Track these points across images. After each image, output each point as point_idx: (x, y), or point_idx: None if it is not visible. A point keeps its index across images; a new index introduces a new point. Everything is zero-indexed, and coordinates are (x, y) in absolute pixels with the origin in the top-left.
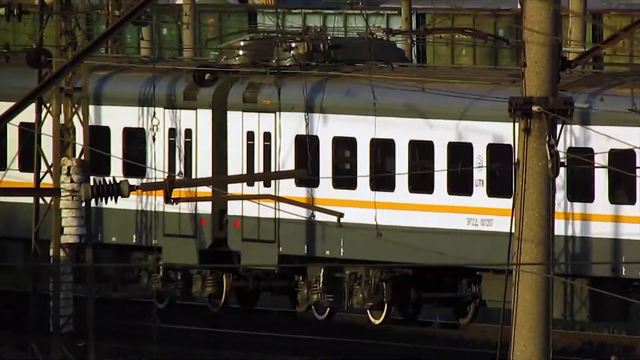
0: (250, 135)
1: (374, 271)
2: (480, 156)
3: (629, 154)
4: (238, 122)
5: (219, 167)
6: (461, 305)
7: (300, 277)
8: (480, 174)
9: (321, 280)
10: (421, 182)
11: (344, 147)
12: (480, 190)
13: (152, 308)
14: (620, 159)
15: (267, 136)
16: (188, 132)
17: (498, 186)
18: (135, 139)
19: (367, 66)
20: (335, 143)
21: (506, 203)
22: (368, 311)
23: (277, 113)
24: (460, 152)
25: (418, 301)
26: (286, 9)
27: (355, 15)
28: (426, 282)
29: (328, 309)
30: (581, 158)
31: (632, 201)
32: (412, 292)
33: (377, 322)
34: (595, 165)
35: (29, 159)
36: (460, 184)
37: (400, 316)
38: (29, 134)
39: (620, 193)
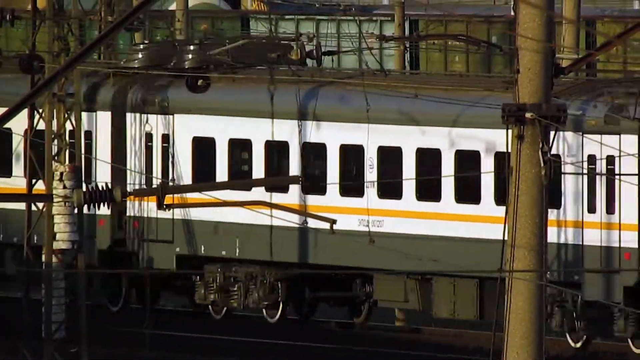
0: None
1: (269, 270)
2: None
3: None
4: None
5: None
6: (355, 305)
7: (198, 277)
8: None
9: (217, 280)
10: (428, 190)
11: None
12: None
13: (145, 314)
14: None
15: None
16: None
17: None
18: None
19: (361, 73)
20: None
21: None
22: (264, 310)
23: None
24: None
25: (313, 301)
26: (279, 15)
27: (348, 22)
28: (320, 282)
29: (225, 308)
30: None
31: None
32: (306, 291)
33: (273, 320)
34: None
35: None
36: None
37: (296, 315)
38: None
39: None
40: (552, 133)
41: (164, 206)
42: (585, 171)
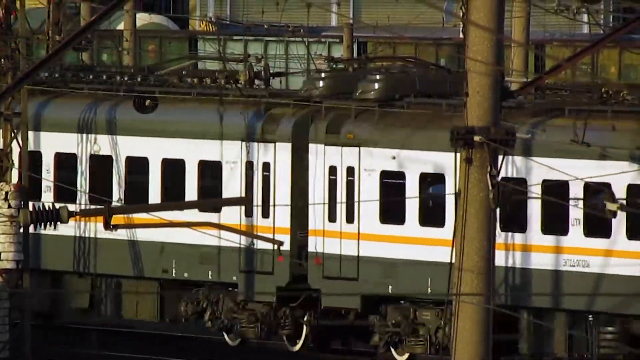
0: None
1: None
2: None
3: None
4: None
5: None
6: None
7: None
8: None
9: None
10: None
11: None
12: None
13: (91, 335)
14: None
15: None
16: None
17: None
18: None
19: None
20: None
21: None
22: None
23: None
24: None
25: None
26: (228, 36)
27: (297, 43)
28: None
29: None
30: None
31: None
32: None
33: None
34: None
35: None
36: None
37: None
38: None
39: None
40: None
41: (111, 226)
42: None
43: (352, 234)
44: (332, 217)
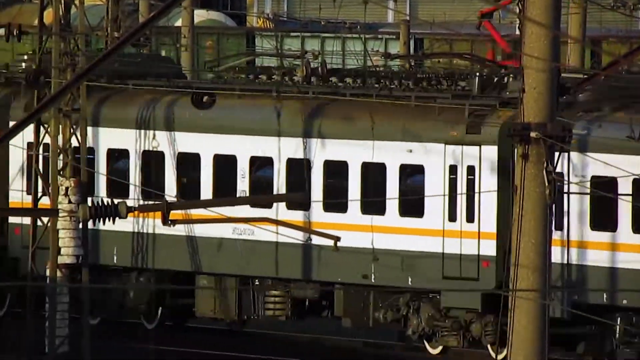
0: None
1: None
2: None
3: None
4: None
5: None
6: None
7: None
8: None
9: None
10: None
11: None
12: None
13: (139, 329)
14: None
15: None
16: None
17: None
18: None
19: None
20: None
21: None
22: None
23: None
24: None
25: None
26: (285, 32)
27: (354, 39)
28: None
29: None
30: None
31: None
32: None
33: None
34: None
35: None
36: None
37: None
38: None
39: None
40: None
41: (169, 222)
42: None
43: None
44: None
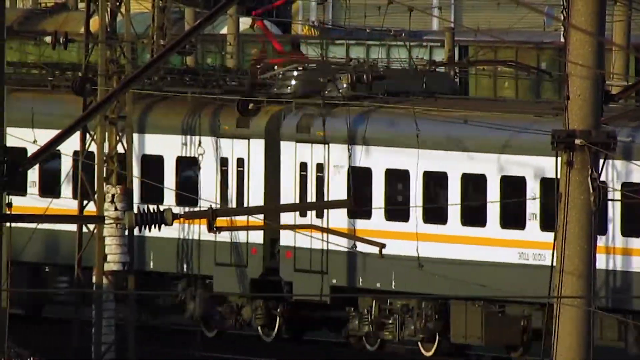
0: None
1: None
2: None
3: None
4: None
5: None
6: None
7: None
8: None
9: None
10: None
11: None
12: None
13: (196, 336)
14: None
15: (319, 167)
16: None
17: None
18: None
19: (411, 98)
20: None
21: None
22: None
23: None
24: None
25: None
26: (330, 40)
27: (399, 47)
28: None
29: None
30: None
31: None
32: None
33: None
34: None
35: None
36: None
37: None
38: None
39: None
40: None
41: (215, 229)
42: None
43: None
44: None
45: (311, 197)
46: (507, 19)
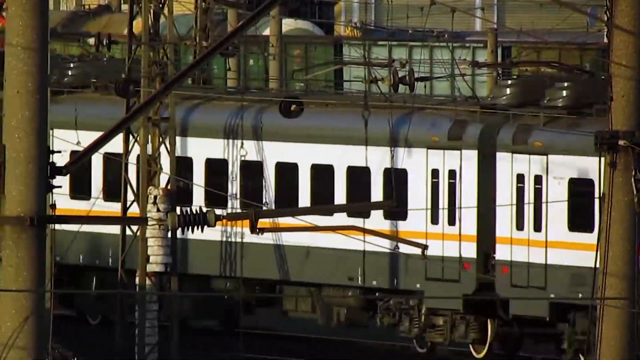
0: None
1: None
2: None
3: None
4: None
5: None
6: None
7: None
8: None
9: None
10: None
11: None
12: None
13: (238, 337)
14: None
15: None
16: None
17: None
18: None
19: None
20: None
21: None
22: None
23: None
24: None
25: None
26: (372, 41)
27: (441, 48)
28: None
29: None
30: None
31: None
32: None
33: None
34: None
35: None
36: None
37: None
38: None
39: None
40: None
41: (257, 230)
42: None
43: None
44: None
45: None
46: (550, 19)
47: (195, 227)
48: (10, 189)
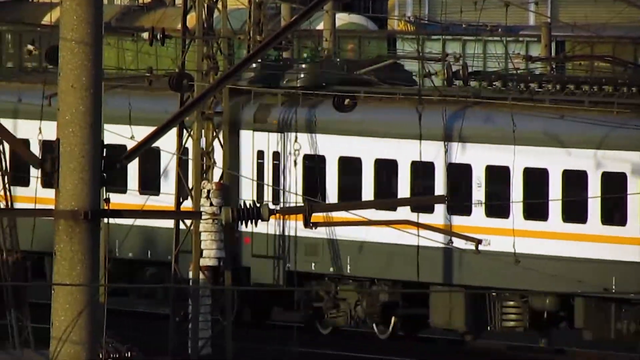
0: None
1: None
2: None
3: None
4: None
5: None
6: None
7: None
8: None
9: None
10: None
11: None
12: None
13: (293, 332)
14: None
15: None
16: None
17: None
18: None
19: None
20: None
21: None
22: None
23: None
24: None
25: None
26: (426, 35)
27: (495, 42)
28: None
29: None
30: None
31: None
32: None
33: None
34: None
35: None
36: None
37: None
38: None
39: None
40: None
41: (311, 224)
42: None
43: None
44: None
45: None
46: (604, 13)
47: (249, 221)
48: (64, 183)
